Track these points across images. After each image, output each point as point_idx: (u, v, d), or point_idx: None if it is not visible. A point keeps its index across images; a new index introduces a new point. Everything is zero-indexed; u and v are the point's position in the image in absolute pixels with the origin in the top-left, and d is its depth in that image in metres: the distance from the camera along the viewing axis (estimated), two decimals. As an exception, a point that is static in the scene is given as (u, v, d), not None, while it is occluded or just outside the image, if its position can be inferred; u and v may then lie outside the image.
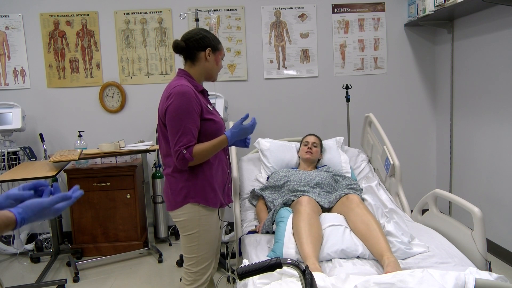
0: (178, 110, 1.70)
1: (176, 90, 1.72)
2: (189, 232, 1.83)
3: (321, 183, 2.45)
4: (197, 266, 1.86)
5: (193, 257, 1.85)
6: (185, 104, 1.70)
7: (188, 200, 1.79)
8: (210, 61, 1.86)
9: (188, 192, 1.79)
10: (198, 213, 1.81)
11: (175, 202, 1.81)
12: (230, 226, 3.72)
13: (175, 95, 1.71)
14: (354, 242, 1.88)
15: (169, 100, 1.72)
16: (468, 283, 1.40)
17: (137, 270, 3.10)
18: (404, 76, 3.84)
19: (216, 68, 1.91)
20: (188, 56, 1.86)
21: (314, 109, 3.81)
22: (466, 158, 3.45)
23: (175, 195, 1.81)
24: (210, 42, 1.84)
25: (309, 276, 1.11)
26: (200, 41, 1.82)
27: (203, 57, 1.84)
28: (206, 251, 1.87)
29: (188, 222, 1.81)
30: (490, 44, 3.04)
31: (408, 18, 3.73)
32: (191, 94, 1.73)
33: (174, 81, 1.80)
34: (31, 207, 0.95)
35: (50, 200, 0.98)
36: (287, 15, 3.72)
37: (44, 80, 3.65)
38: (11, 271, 3.21)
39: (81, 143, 3.32)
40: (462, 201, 1.94)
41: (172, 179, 1.82)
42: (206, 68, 1.87)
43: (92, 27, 3.64)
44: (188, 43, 1.83)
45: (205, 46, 1.83)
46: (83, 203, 3.32)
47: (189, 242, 1.84)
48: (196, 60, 1.85)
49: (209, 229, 1.86)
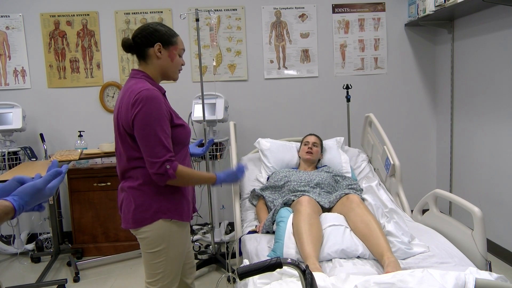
0: (149, 118, 1.51)
1: (143, 95, 1.51)
2: (156, 249, 1.63)
3: (321, 183, 2.46)
4: (162, 282, 1.67)
5: (159, 273, 1.66)
6: (156, 110, 1.52)
7: (160, 216, 1.60)
8: (162, 58, 1.64)
9: (160, 207, 1.60)
10: (169, 229, 1.63)
11: (142, 219, 1.61)
12: (230, 226, 3.73)
13: (143, 100, 1.50)
14: (354, 242, 1.88)
15: (136, 107, 1.51)
16: (468, 283, 1.40)
17: (137, 270, 3.10)
18: (404, 76, 3.84)
19: (172, 65, 1.67)
20: (139, 55, 1.65)
21: (314, 109, 3.81)
22: (466, 158, 3.45)
23: (141, 211, 1.60)
24: (161, 37, 1.62)
25: (309, 276, 1.11)
26: (148, 36, 1.61)
27: (153, 54, 1.62)
28: (173, 266, 1.69)
29: (157, 238, 1.62)
30: (490, 44, 3.04)
31: (408, 18, 3.73)
32: (160, 99, 1.55)
33: (135, 84, 1.58)
34: (26, 191, 0.95)
35: (43, 180, 0.98)
36: (287, 15, 3.72)
37: (45, 80, 3.66)
38: (12, 271, 3.21)
39: (82, 143, 3.32)
40: (462, 201, 1.94)
41: (137, 193, 1.60)
42: (160, 66, 1.65)
43: (92, 27, 3.64)
44: (136, 40, 1.63)
45: (153, 42, 1.61)
46: (84, 203, 3.33)
47: (156, 258, 1.64)
48: (147, 58, 1.64)
49: (178, 243, 1.68)
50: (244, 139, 3.64)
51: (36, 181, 0.98)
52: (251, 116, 3.78)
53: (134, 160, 1.60)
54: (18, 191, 0.95)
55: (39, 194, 0.97)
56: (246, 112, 3.76)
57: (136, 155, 1.59)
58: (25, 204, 0.94)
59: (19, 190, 0.95)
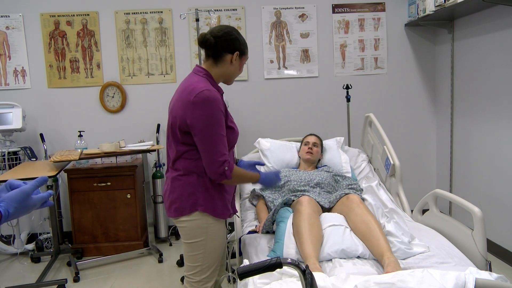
0: (211, 120, 1.59)
1: (204, 96, 1.58)
2: (195, 240, 1.72)
3: (321, 183, 2.46)
4: (200, 275, 1.76)
5: (197, 266, 1.75)
6: (217, 112, 1.60)
7: (197, 207, 1.69)
8: (234, 65, 1.73)
9: (197, 199, 1.69)
10: (206, 221, 1.71)
11: (182, 208, 1.70)
12: (230, 226, 3.72)
13: (205, 102, 1.58)
14: (354, 242, 1.88)
15: (197, 107, 1.58)
16: (468, 283, 1.40)
17: (137, 270, 3.11)
18: (404, 76, 3.84)
19: (238, 73, 1.78)
20: (213, 55, 1.71)
21: (314, 109, 3.81)
22: (466, 158, 3.45)
23: (182, 200, 1.70)
24: (240, 46, 1.72)
25: (309, 276, 1.11)
26: (231, 42, 1.69)
27: (228, 60, 1.71)
28: (211, 260, 1.76)
29: (195, 229, 1.71)
30: (490, 44, 3.04)
31: (408, 18, 3.73)
32: (220, 102, 1.63)
33: (197, 83, 1.65)
34: (12, 197, 0.94)
35: (30, 185, 0.97)
36: (287, 15, 3.72)
37: (45, 80, 3.66)
38: (12, 271, 3.21)
39: (82, 143, 3.32)
40: (462, 201, 1.94)
41: (178, 183, 1.71)
42: (228, 71, 1.74)
43: (92, 27, 3.64)
44: (217, 42, 1.68)
45: (234, 49, 1.70)
46: (84, 203, 3.33)
47: (194, 250, 1.74)
48: (220, 61, 1.71)
49: (216, 237, 1.76)
50: (244, 139, 3.63)
51: (23, 186, 0.97)
52: (251, 116, 3.78)
53: (179, 152, 1.70)
54: (5, 197, 0.94)
55: (27, 200, 0.96)
56: (246, 112, 3.76)
57: (182, 148, 1.69)
58: (13, 210, 0.93)
59: (7, 196, 0.94)
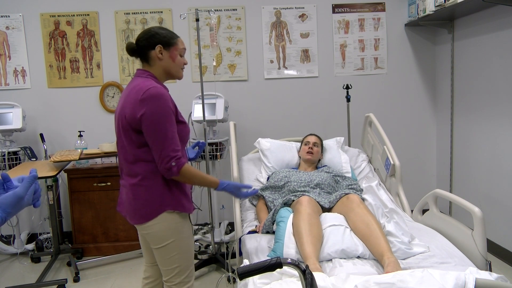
0: (159, 115, 1.60)
1: (152, 92, 1.60)
2: (166, 242, 1.71)
3: (321, 183, 2.46)
4: (180, 276, 1.76)
5: (175, 268, 1.74)
6: (165, 107, 1.61)
7: (164, 208, 1.68)
8: (164, 58, 1.73)
9: (163, 200, 1.68)
10: (174, 220, 1.71)
11: (147, 213, 1.68)
12: (231, 226, 3.73)
13: (153, 98, 1.59)
14: (354, 242, 1.88)
15: (145, 104, 1.59)
16: (468, 283, 1.40)
17: (137, 270, 3.10)
18: (404, 76, 3.84)
19: (174, 65, 1.76)
20: (141, 57, 1.75)
21: (314, 109, 3.81)
22: (466, 158, 3.45)
23: (146, 205, 1.68)
24: (162, 39, 1.71)
25: (309, 276, 1.11)
26: (149, 39, 1.71)
27: (155, 56, 1.72)
28: (187, 258, 1.78)
29: (165, 231, 1.70)
30: (490, 44, 3.04)
31: (408, 18, 3.73)
32: (168, 97, 1.64)
33: (142, 82, 1.66)
34: (8, 202, 0.94)
35: (22, 188, 0.97)
36: (287, 15, 3.72)
37: (45, 80, 3.66)
38: (12, 271, 3.21)
39: (82, 143, 3.32)
40: (462, 201, 1.94)
41: (139, 189, 1.68)
42: (162, 66, 1.74)
43: (92, 27, 3.64)
44: (139, 43, 1.73)
45: (154, 44, 1.70)
46: (84, 203, 3.33)
47: (168, 253, 1.73)
48: (150, 60, 1.73)
49: (186, 235, 1.77)
50: (244, 139, 3.64)
51: (16, 190, 0.97)
52: (251, 116, 3.78)
53: (137, 156, 1.68)
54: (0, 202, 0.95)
55: (22, 202, 0.97)
56: (246, 112, 3.76)
57: (139, 152, 1.67)
58: (8, 215, 0.94)
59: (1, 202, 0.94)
